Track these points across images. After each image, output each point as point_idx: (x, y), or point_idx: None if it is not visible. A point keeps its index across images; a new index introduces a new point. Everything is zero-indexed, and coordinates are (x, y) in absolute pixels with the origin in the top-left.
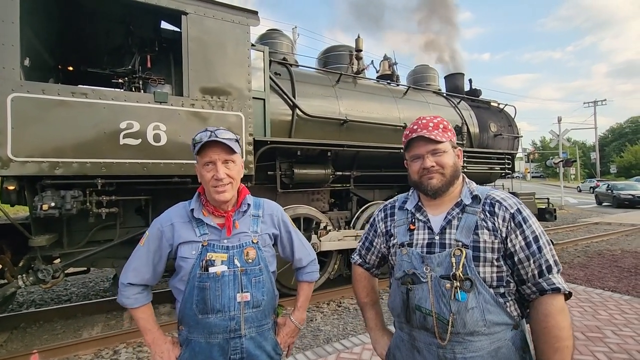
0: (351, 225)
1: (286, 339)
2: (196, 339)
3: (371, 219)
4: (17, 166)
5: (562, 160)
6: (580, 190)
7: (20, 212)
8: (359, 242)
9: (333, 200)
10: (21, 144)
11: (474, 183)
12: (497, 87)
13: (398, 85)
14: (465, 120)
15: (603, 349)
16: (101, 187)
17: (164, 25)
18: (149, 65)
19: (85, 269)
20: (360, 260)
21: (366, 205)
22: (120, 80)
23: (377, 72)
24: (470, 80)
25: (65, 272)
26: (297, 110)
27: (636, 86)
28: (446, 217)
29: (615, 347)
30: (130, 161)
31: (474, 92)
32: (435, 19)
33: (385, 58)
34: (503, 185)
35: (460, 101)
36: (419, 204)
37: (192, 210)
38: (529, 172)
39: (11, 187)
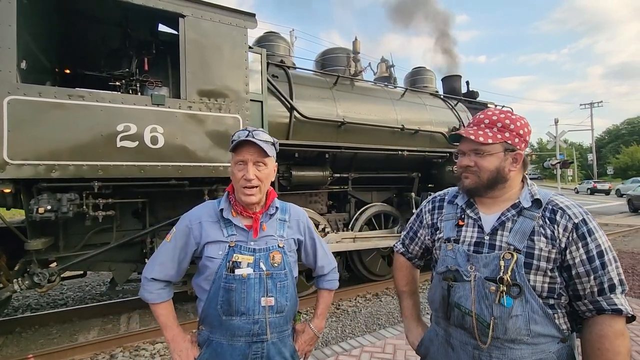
0: (349, 227)
1: (304, 346)
2: (218, 340)
3: (418, 209)
4: (13, 169)
5: (559, 162)
6: (577, 192)
7: (17, 215)
8: (403, 231)
9: (331, 202)
10: (17, 146)
11: (535, 186)
12: (493, 89)
13: (395, 87)
14: (462, 122)
15: None
16: (98, 190)
17: (162, 27)
18: (146, 67)
19: (82, 272)
20: (403, 249)
21: (364, 207)
22: (117, 83)
23: (375, 74)
24: (467, 83)
25: (62, 275)
26: (295, 113)
27: (631, 88)
28: (500, 217)
29: None
30: (127, 164)
31: (471, 94)
32: (431, 24)
33: (383, 60)
34: None
35: (457, 103)
36: (471, 200)
37: (221, 210)
38: (527, 174)
39: (7, 190)
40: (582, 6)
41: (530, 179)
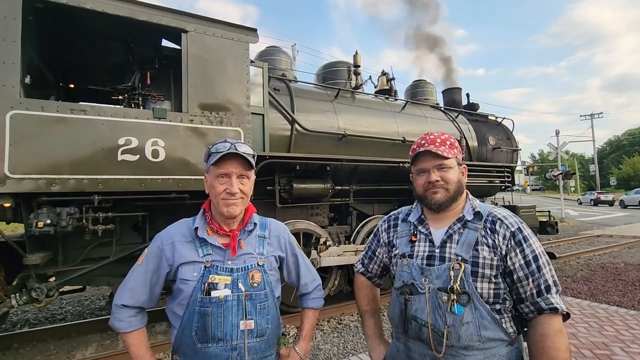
0: (351, 240)
1: None
2: None
3: (375, 229)
4: (14, 183)
5: (561, 173)
6: (580, 203)
7: (19, 229)
8: (363, 251)
9: (332, 215)
10: (18, 161)
11: (477, 200)
12: (492, 101)
13: (396, 99)
14: (463, 134)
15: None
16: (98, 204)
17: (165, 42)
18: (148, 81)
19: (81, 287)
20: (363, 269)
21: (366, 220)
22: (120, 97)
23: (375, 87)
24: (467, 95)
25: (61, 290)
26: (296, 125)
27: (630, 99)
28: (447, 231)
29: None
30: (128, 177)
31: (472, 106)
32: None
33: (383, 73)
34: (503, 199)
35: (458, 115)
36: (422, 216)
37: (195, 228)
38: (528, 185)
39: (7, 205)
40: (579, 21)
41: (532, 190)
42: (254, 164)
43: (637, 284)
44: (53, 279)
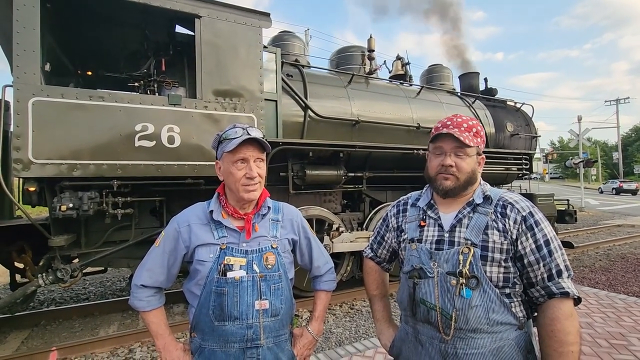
0: (364, 226)
1: (303, 350)
2: (210, 347)
3: (384, 214)
4: (37, 168)
5: (582, 161)
6: (601, 192)
7: (43, 212)
8: (371, 236)
9: (345, 202)
10: (41, 146)
11: (488, 185)
12: (511, 87)
13: (411, 85)
14: (480, 120)
15: (628, 357)
16: (117, 189)
17: (178, 29)
18: (163, 68)
19: (103, 268)
20: (372, 254)
21: (379, 207)
22: (135, 84)
23: (390, 72)
24: (485, 80)
25: (83, 271)
26: (309, 112)
27: None
28: (457, 215)
29: None
30: (145, 163)
31: (490, 92)
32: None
33: (398, 58)
34: (520, 187)
35: (475, 100)
36: (432, 201)
37: (211, 211)
38: (547, 173)
39: (32, 189)
40: (606, 1)
41: (551, 178)
42: (268, 147)
43: None
44: (76, 260)
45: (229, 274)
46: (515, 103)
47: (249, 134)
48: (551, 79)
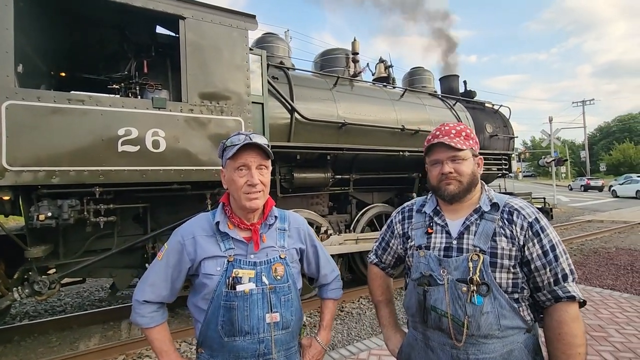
0: (351, 228)
1: None
2: None
3: (388, 220)
4: (12, 175)
5: (554, 160)
6: (571, 189)
7: (14, 221)
8: (375, 242)
9: (332, 204)
10: (16, 152)
11: (492, 190)
12: (486, 88)
13: (394, 87)
14: (461, 121)
15: (608, 348)
16: (99, 196)
17: (159, 30)
18: (145, 70)
19: (81, 279)
20: (377, 260)
21: (365, 208)
22: (116, 86)
23: (373, 74)
24: (464, 82)
25: (61, 282)
26: (296, 114)
27: (620, 86)
28: (464, 222)
29: (620, 345)
30: (129, 168)
31: (469, 94)
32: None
33: (381, 60)
34: (499, 186)
35: (456, 102)
36: (437, 208)
37: (217, 223)
38: (520, 172)
39: (6, 198)
40: (571, 6)
41: (524, 176)
42: (271, 153)
43: (629, 267)
44: (53, 271)
45: (239, 287)
46: (493, 105)
47: (251, 140)
48: (522, 81)
